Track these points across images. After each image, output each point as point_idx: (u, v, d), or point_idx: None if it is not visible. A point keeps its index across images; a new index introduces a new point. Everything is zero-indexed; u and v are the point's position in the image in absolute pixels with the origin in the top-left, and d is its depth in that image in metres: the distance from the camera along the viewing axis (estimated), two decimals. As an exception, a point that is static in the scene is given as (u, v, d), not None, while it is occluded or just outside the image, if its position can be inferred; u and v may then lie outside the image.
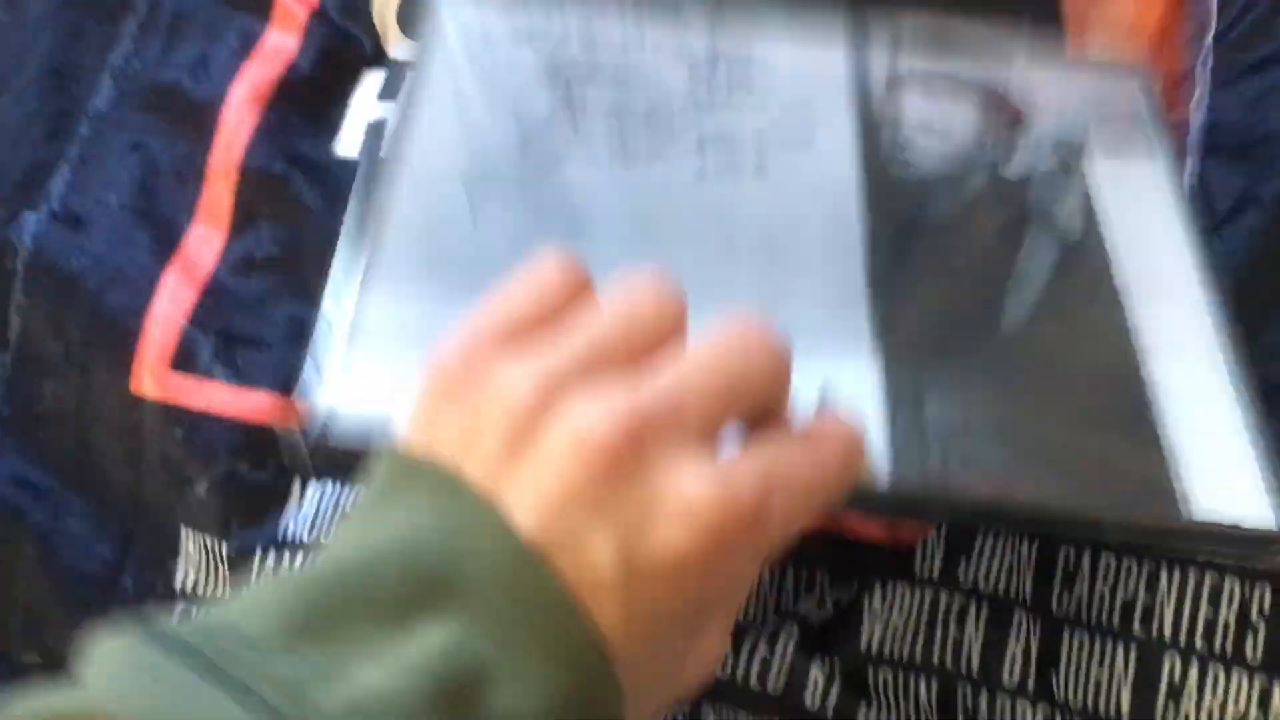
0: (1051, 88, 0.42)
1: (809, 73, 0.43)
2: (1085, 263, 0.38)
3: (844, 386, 0.35)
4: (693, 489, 0.22)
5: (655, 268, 0.27)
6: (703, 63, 0.43)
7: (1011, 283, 0.38)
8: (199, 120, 0.46)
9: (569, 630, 0.21)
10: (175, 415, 0.42)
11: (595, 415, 0.22)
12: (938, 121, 0.42)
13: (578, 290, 0.26)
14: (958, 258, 0.39)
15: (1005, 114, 0.42)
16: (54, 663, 0.42)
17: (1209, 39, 0.44)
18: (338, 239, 0.43)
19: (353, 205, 0.38)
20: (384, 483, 0.23)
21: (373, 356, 0.35)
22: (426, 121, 0.40)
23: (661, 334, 0.25)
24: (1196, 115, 0.43)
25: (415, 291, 0.37)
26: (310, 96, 0.47)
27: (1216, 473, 0.34)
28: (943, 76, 0.43)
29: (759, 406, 0.25)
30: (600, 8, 0.43)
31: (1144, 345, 0.37)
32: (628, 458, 0.22)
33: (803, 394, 0.31)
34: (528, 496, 0.22)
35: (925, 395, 0.36)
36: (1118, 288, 0.38)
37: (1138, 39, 0.44)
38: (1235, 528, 0.33)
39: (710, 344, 0.25)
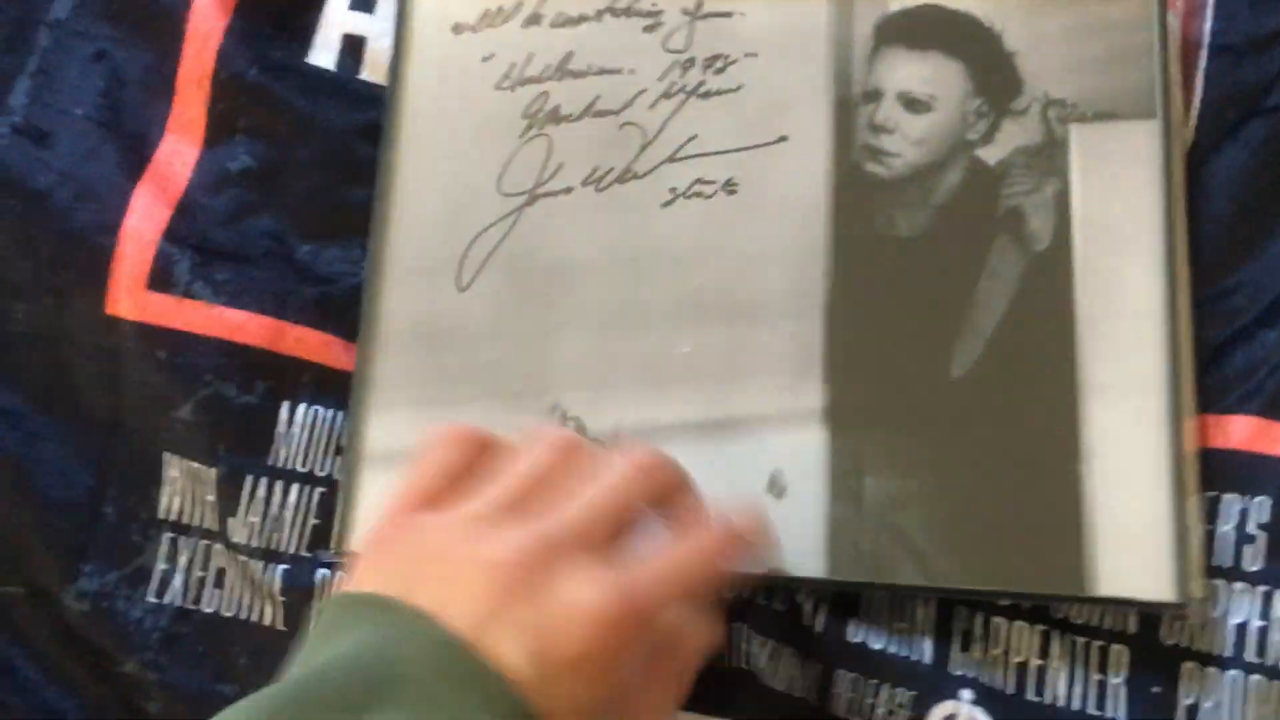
0: (1050, 26, 0.41)
1: (789, 41, 0.42)
2: (1047, 281, 0.39)
3: (793, 459, 0.38)
4: (589, 597, 0.27)
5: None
6: (680, 39, 0.42)
7: (969, 315, 0.39)
8: (164, 27, 0.44)
9: (503, 704, 0.25)
10: (155, 336, 0.41)
11: (506, 544, 0.27)
12: (920, 89, 0.41)
13: (477, 452, 0.31)
14: (920, 287, 0.39)
15: (995, 74, 0.41)
16: (38, 594, 0.41)
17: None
18: (317, 149, 0.42)
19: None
20: (331, 617, 0.28)
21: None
22: (406, 168, 0.42)
23: (561, 474, 0.31)
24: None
25: (418, 396, 0.40)
26: (280, 1, 0.44)
27: (1128, 542, 0.37)
28: (932, 19, 0.42)
29: (659, 506, 0.32)
30: (572, 3, 0.43)
31: (1086, 384, 0.38)
32: (537, 574, 0.27)
33: (755, 470, 0.38)
34: (457, 612, 0.26)
35: (866, 465, 0.38)
36: (1075, 311, 0.39)
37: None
38: (1135, 601, 0.36)
39: (604, 477, 0.31)
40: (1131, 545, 0.37)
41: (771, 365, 0.39)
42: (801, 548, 0.38)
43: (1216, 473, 0.38)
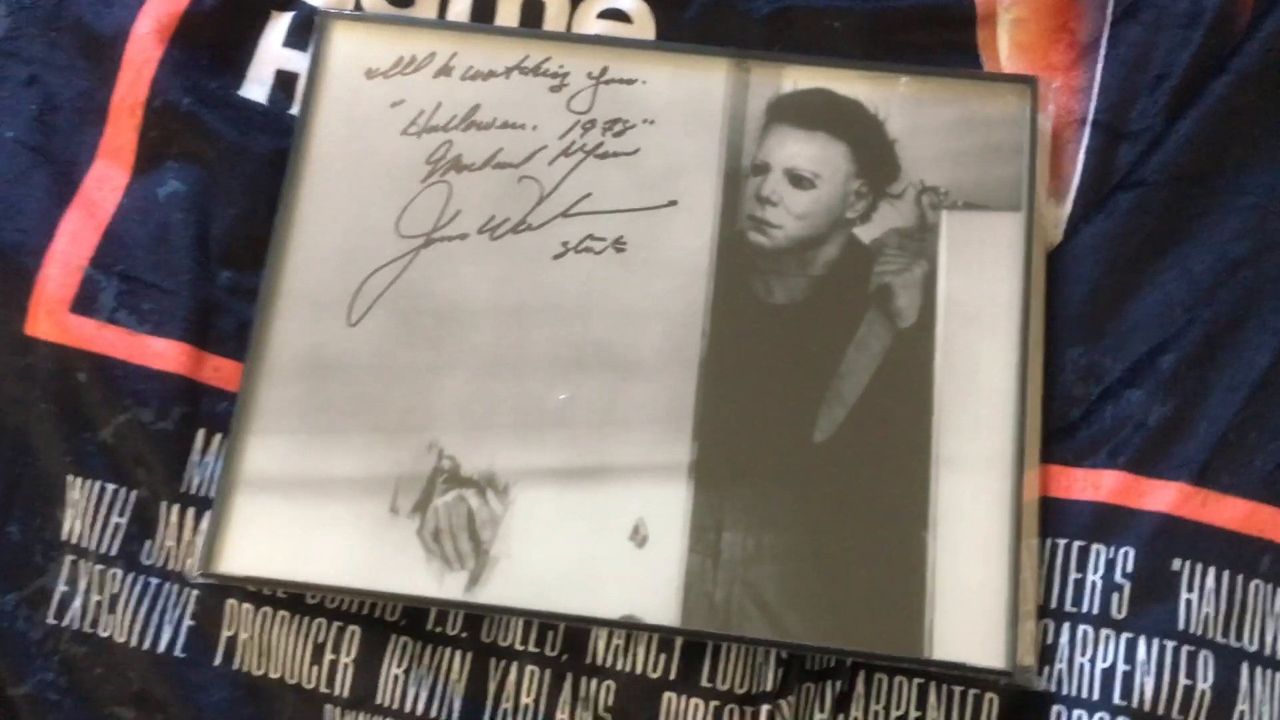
0: (930, 117, 0.43)
1: (686, 111, 0.44)
2: (910, 356, 0.41)
3: (656, 510, 0.40)
4: None
5: None
6: (584, 100, 0.44)
7: (835, 384, 0.41)
8: (101, 54, 0.45)
9: None
10: (74, 359, 0.42)
11: None
12: (806, 166, 0.43)
13: None
14: (791, 354, 0.42)
15: (876, 159, 0.43)
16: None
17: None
18: (244, 180, 0.44)
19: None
20: None
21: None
22: (307, 203, 0.43)
23: None
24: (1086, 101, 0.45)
25: (298, 425, 0.41)
26: (216, 34, 0.46)
27: (965, 611, 0.39)
28: (821, 103, 0.44)
29: None
30: (482, 59, 0.45)
31: (938, 456, 0.40)
32: None
33: (620, 518, 0.39)
34: None
35: (726, 521, 0.40)
36: (933, 387, 0.41)
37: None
38: (967, 666, 0.38)
39: None
40: (968, 613, 0.39)
41: (644, 418, 0.41)
42: (657, 596, 0.39)
43: (1086, 524, 0.40)
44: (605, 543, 0.40)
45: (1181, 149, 0.43)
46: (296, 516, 0.40)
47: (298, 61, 0.46)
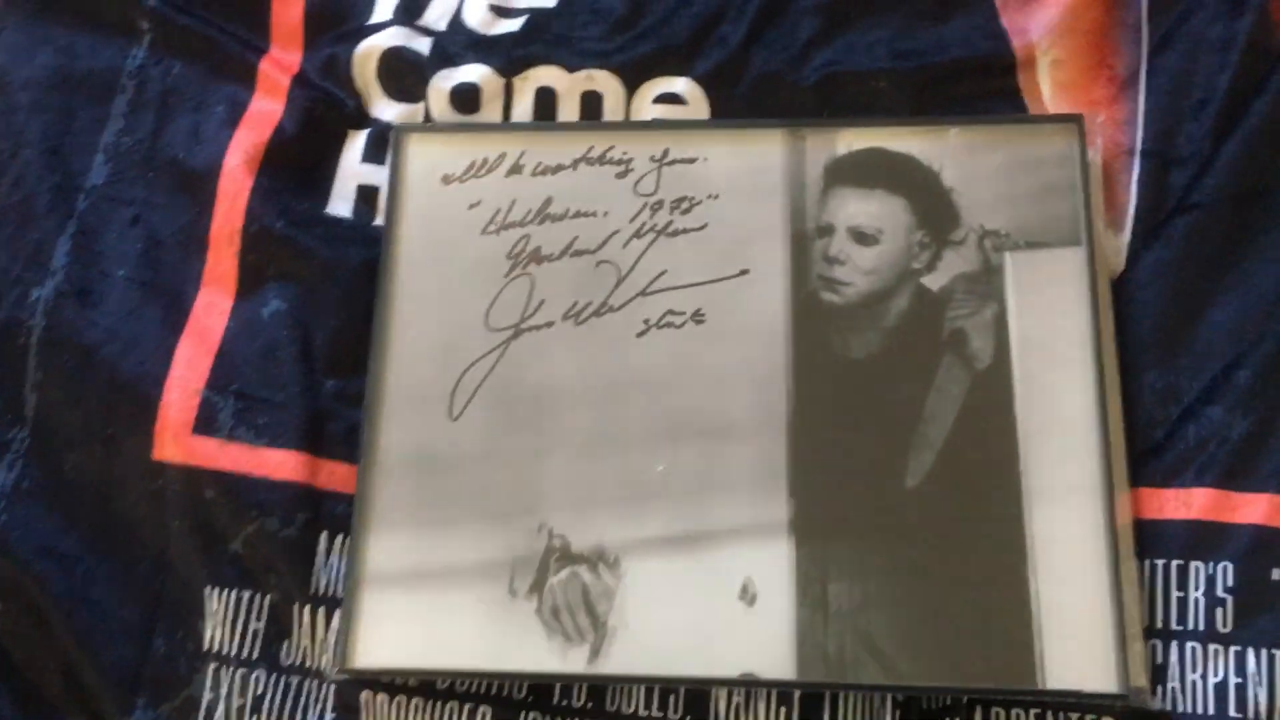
0: (983, 164, 0.45)
1: (748, 183, 0.46)
2: (990, 396, 0.43)
3: (762, 568, 0.41)
4: None
5: None
6: (649, 183, 0.47)
7: (920, 430, 0.43)
8: (196, 189, 0.48)
9: None
10: (202, 478, 0.44)
11: None
12: (868, 223, 0.45)
13: None
14: (874, 405, 0.43)
15: (934, 209, 0.45)
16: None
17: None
18: (339, 291, 0.46)
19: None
20: None
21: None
22: (400, 307, 0.46)
23: None
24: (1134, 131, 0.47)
25: (413, 519, 0.43)
26: (299, 158, 0.49)
27: (1073, 638, 0.40)
28: (876, 161, 0.46)
29: None
30: (550, 154, 0.47)
31: (1030, 490, 0.42)
32: None
33: (728, 579, 0.41)
34: None
35: (830, 572, 0.42)
36: (1016, 423, 0.42)
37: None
38: (1082, 693, 0.39)
39: None
40: (1077, 641, 0.40)
41: (740, 480, 0.43)
42: (772, 652, 0.41)
43: (1182, 543, 0.41)
44: (716, 604, 0.41)
45: (1232, 170, 0.44)
46: (421, 606, 0.42)
47: (376, 175, 0.49)
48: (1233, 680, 0.40)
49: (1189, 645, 0.40)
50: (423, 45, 0.50)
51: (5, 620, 0.44)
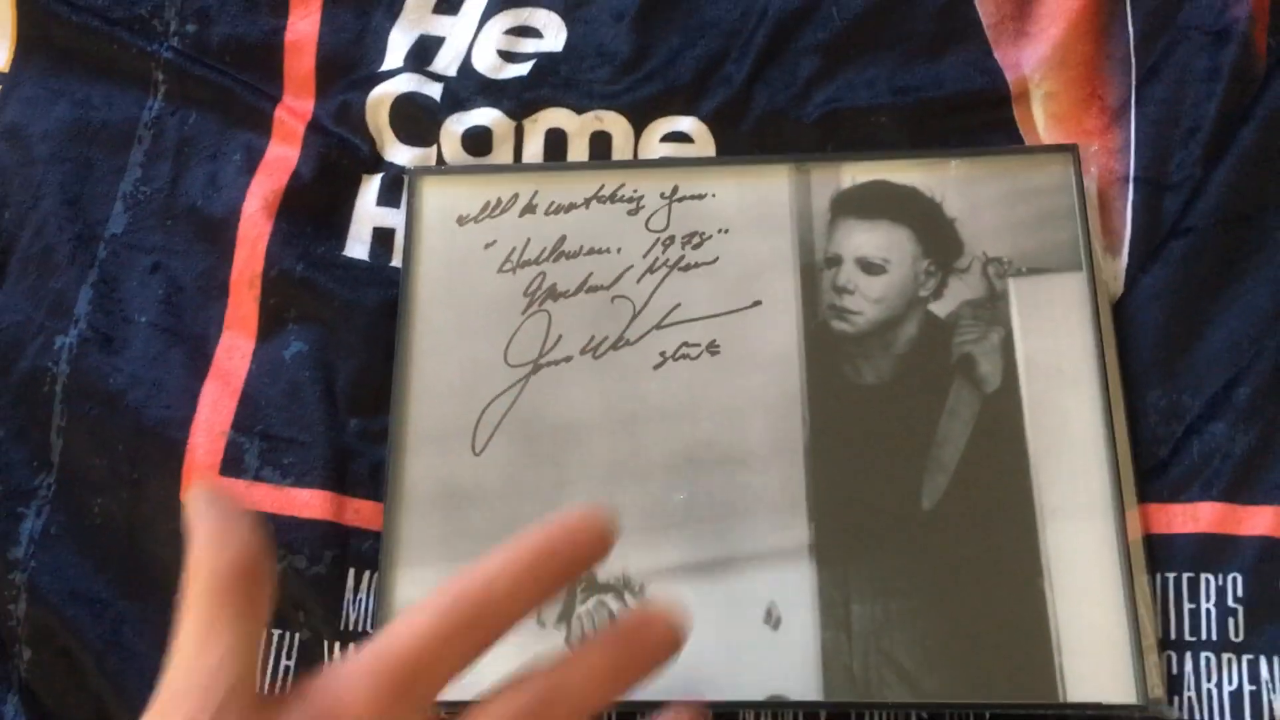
0: (983, 194, 0.47)
1: (756, 217, 0.48)
2: (1000, 418, 0.44)
3: (786, 592, 0.43)
4: None
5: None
6: (660, 219, 0.48)
7: (934, 452, 0.44)
8: (215, 235, 0.49)
9: None
10: None
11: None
12: (874, 253, 0.46)
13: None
14: (888, 429, 0.44)
15: (939, 238, 0.46)
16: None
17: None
18: (359, 332, 0.47)
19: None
20: None
21: None
22: (420, 346, 0.47)
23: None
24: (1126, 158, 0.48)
25: (440, 554, 0.44)
26: (316, 203, 0.50)
27: (1091, 652, 0.41)
28: (880, 193, 0.47)
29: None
30: (562, 193, 0.49)
31: (1042, 508, 0.43)
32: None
33: (752, 604, 0.42)
34: None
35: (852, 594, 0.43)
36: (1027, 444, 0.44)
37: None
38: (1103, 704, 0.40)
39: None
40: (1095, 654, 0.41)
41: (760, 507, 0.44)
42: (798, 674, 0.42)
43: (1192, 556, 0.43)
44: (742, 628, 0.42)
45: (1223, 194, 0.46)
46: (450, 640, 0.43)
47: (392, 218, 0.50)
48: (1247, 688, 0.41)
49: (1203, 655, 0.42)
50: (434, 90, 0.52)
51: (36, 667, 0.44)
